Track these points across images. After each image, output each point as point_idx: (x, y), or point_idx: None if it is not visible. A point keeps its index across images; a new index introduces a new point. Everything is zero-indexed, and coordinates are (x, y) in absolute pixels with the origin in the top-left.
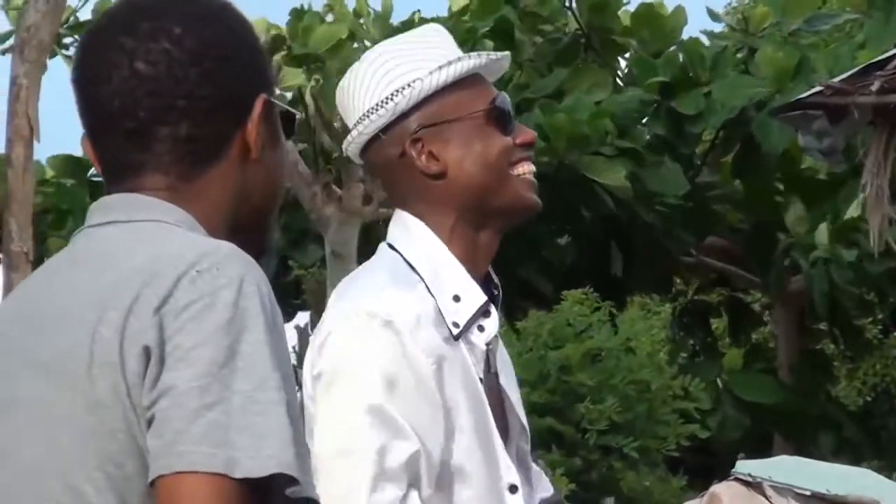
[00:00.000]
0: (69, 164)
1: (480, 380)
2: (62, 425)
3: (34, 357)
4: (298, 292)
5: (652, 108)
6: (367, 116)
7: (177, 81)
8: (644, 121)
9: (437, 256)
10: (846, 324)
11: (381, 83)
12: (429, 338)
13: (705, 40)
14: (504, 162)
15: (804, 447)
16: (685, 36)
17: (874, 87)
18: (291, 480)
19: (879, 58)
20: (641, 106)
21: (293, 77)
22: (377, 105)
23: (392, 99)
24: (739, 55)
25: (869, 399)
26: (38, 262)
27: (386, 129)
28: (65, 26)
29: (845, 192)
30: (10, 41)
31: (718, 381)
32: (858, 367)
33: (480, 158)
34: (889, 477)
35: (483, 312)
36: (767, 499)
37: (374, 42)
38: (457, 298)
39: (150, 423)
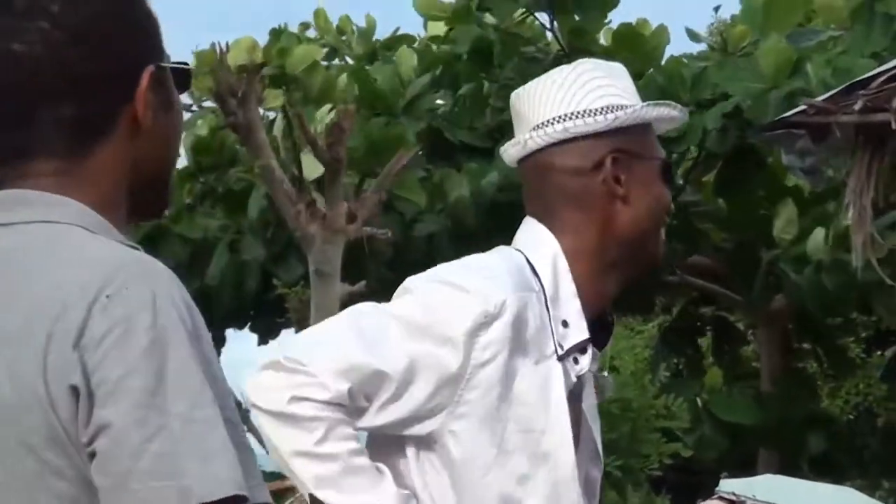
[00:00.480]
0: None
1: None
2: (2, 471)
3: None
4: (282, 310)
5: None
6: (571, 118)
7: (56, 62)
8: None
9: (560, 277)
10: (830, 343)
11: (592, 95)
12: (510, 333)
13: (685, 61)
14: (664, 215)
15: (788, 465)
16: (667, 55)
17: (857, 107)
18: (241, 500)
19: (863, 76)
20: None
21: (274, 98)
22: (586, 112)
23: (607, 112)
24: (723, 74)
25: (851, 418)
26: None
27: (586, 136)
28: None
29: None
30: None
31: (698, 399)
32: (841, 386)
33: (655, 203)
34: (872, 496)
35: (581, 348)
36: None
37: (356, 58)
38: (565, 324)
39: (91, 456)
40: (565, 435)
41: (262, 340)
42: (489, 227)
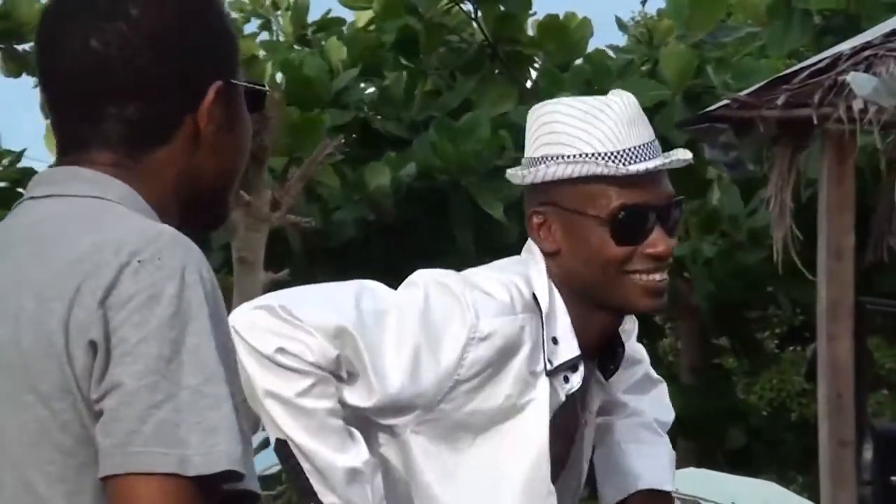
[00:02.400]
0: None
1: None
2: (10, 418)
3: None
4: None
5: None
6: (527, 167)
7: (127, 63)
8: None
9: (553, 298)
10: (745, 337)
11: (539, 141)
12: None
13: (612, 53)
14: (615, 268)
15: (706, 457)
16: (592, 47)
17: (780, 101)
18: (237, 475)
19: (785, 72)
20: None
21: None
22: (531, 161)
23: (539, 163)
24: (644, 67)
25: (766, 413)
26: None
27: (575, 183)
28: None
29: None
30: None
31: None
32: (756, 381)
33: (594, 258)
34: (788, 488)
35: (572, 366)
36: None
37: (286, 36)
38: (555, 341)
39: (97, 415)
40: (541, 449)
41: None
42: (407, 213)
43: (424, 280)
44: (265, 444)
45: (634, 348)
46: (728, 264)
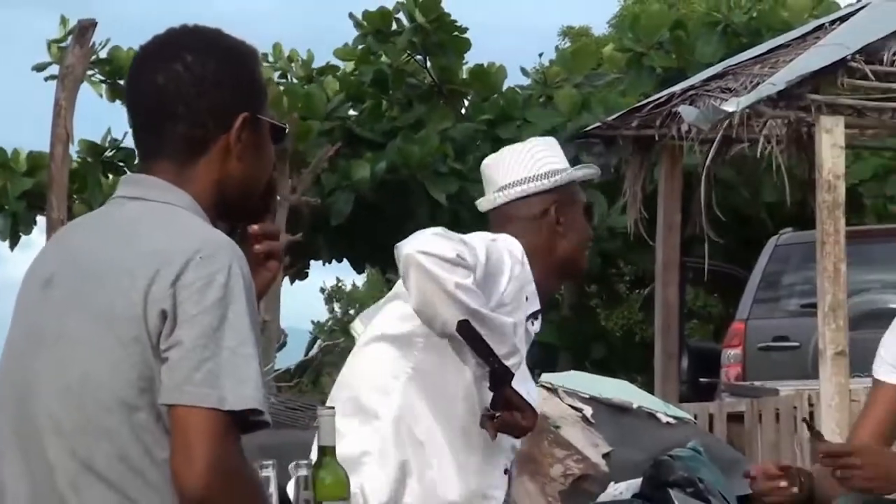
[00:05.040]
0: (91, 147)
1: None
2: (103, 355)
3: (82, 303)
4: None
5: (482, 135)
6: (526, 182)
7: (181, 94)
8: (478, 144)
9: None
10: (607, 285)
11: (538, 164)
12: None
13: (518, 91)
14: (588, 241)
15: (577, 367)
16: (505, 86)
17: (634, 125)
18: (258, 412)
19: (637, 105)
20: (475, 134)
21: None
22: (536, 177)
23: (550, 176)
24: (541, 100)
25: (619, 334)
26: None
27: (536, 193)
28: (91, 62)
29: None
30: (50, 70)
31: None
32: (612, 313)
33: (583, 235)
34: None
35: (535, 315)
36: (561, 399)
37: (299, 79)
38: (527, 298)
39: (163, 360)
40: (523, 356)
41: None
42: (380, 198)
43: (478, 239)
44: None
45: None
46: (595, 248)
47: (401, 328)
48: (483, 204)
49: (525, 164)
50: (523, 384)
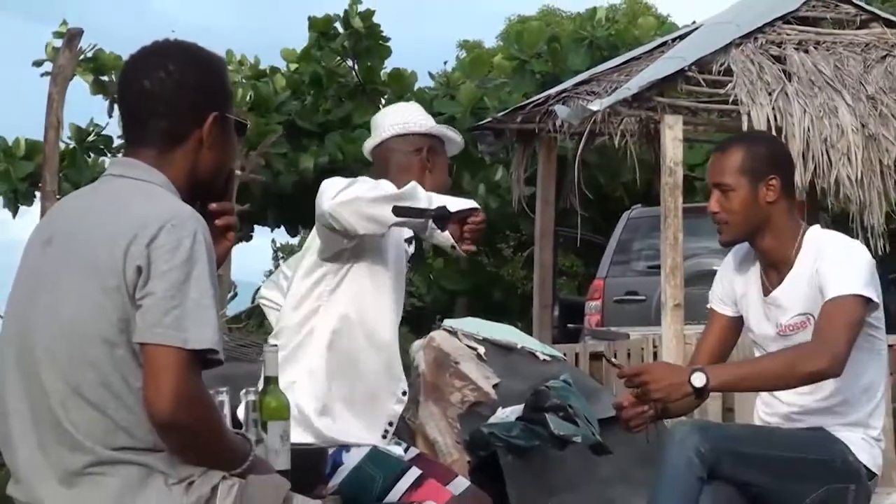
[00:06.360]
0: (77, 130)
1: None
2: (89, 301)
3: (73, 258)
4: None
5: None
6: (405, 124)
7: (162, 96)
8: None
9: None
10: (497, 248)
11: (416, 115)
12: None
13: (427, 91)
14: (448, 179)
15: (476, 311)
16: (416, 87)
17: (518, 120)
18: (214, 351)
19: (521, 104)
20: None
21: None
22: (414, 122)
23: (425, 123)
24: (445, 99)
25: (506, 287)
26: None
27: (414, 134)
28: (79, 62)
29: (493, 170)
30: (44, 67)
31: (430, 275)
32: (500, 271)
33: (443, 174)
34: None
35: (409, 240)
36: (460, 340)
37: (248, 78)
38: (410, 241)
39: (138, 307)
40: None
41: None
42: (320, 180)
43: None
44: None
45: None
46: (494, 212)
47: (315, 272)
48: (367, 145)
49: (406, 113)
50: (453, 205)
